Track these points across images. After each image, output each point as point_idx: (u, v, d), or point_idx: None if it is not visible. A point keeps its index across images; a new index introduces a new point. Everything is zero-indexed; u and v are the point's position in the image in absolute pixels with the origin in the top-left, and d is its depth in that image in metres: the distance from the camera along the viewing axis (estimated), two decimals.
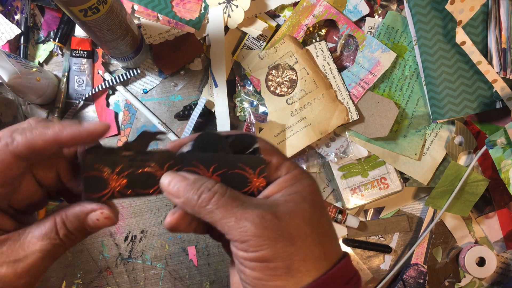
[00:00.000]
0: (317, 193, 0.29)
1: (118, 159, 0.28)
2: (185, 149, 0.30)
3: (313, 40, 0.61)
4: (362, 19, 0.61)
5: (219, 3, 0.58)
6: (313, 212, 0.27)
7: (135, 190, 0.28)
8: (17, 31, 0.58)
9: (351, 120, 0.58)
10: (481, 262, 0.61)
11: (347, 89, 0.59)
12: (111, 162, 0.28)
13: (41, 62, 0.60)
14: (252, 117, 0.59)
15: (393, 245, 0.62)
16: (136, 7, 0.58)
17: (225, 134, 0.30)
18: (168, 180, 0.28)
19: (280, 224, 0.26)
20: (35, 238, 0.26)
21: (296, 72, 0.58)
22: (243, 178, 0.29)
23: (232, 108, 0.61)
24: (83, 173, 0.28)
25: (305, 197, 0.28)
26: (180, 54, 0.60)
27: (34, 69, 0.54)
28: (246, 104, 0.60)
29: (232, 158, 0.29)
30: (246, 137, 0.30)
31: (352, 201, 0.59)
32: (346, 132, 0.60)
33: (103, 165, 0.27)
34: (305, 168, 0.60)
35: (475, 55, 0.54)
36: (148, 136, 0.29)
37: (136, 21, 0.59)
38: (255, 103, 0.60)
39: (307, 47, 0.59)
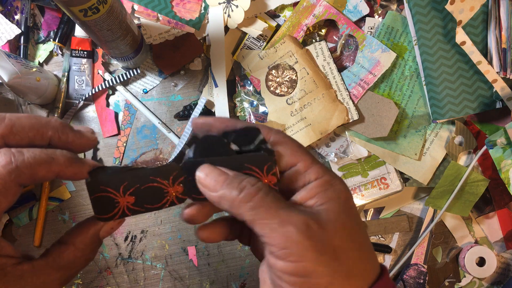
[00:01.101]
0: (351, 200, 0.27)
1: (122, 176, 0.27)
2: (190, 154, 0.29)
3: (313, 40, 0.61)
4: (362, 19, 0.61)
5: (219, 3, 0.58)
6: (352, 223, 0.26)
7: (144, 206, 0.28)
8: (17, 31, 0.58)
9: (351, 120, 0.58)
10: (481, 262, 0.61)
11: (347, 89, 0.59)
12: (116, 181, 0.27)
13: (41, 62, 0.60)
14: (252, 117, 0.59)
15: (393, 245, 0.62)
16: (136, 7, 0.58)
17: (224, 129, 0.29)
18: (205, 173, 0.27)
19: (326, 235, 0.24)
20: (57, 270, 0.26)
21: (296, 72, 0.58)
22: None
23: (232, 108, 0.61)
24: (90, 195, 0.27)
25: (342, 206, 0.26)
26: (180, 54, 0.60)
27: (34, 69, 0.54)
28: (246, 104, 0.60)
29: (237, 158, 0.27)
30: (248, 131, 0.28)
31: None
32: (346, 132, 0.60)
33: (109, 185, 0.27)
34: None
35: (475, 55, 0.54)
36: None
37: (136, 21, 0.59)
38: (255, 103, 0.60)
39: (307, 47, 0.59)
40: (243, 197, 0.25)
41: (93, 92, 0.59)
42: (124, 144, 0.60)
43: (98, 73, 0.60)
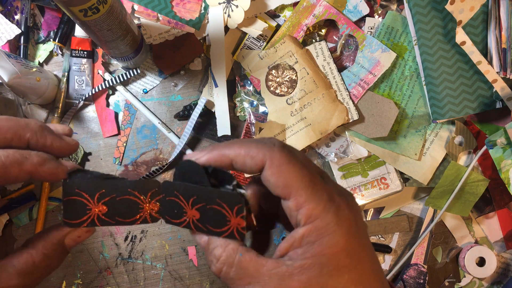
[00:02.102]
0: (342, 254, 0.23)
1: (100, 183, 0.27)
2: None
3: (313, 40, 0.61)
4: (362, 19, 0.61)
5: (219, 3, 0.58)
6: (332, 284, 0.23)
7: (116, 219, 0.27)
8: (17, 31, 0.58)
9: (351, 120, 0.58)
10: (481, 262, 0.61)
11: (347, 89, 0.59)
12: (93, 187, 0.27)
13: (41, 62, 0.60)
14: (252, 117, 0.59)
15: (393, 245, 0.62)
16: (136, 7, 0.58)
17: (204, 162, 0.27)
18: (195, 236, 0.28)
19: None
20: (15, 273, 0.25)
21: (296, 72, 0.58)
22: (222, 215, 0.25)
23: (232, 108, 0.61)
24: (63, 197, 0.27)
25: (324, 265, 0.23)
26: (180, 54, 0.60)
27: (34, 69, 0.54)
28: (246, 104, 0.60)
29: (211, 191, 0.26)
30: (223, 172, 0.27)
31: None
32: (346, 132, 0.60)
33: (84, 190, 0.27)
34: None
35: (475, 55, 0.54)
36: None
37: (136, 21, 0.59)
38: (255, 103, 0.60)
39: (307, 47, 0.59)
40: (212, 271, 0.25)
41: (93, 92, 0.59)
42: (124, 144, 0.60)
43: (98, 73, 0.60)
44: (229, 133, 0.59)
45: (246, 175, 0.60)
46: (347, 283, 0.23)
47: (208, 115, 0.61)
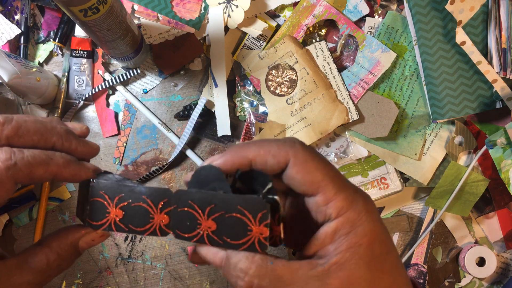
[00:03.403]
0: (376, 242, 0.23)
1: (120, 187, 0.26)
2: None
3: (313, 40, 0.61)
4: (362, 19, 0.61)
5: (219, 3, 0.58)
6: (371, 276, 0.23)
7: (129, 226, 0.26)
8: (17, 31, 0.58)
9: (351, 120, 0.58)
10: (481, 262, 0.61)
11: (347, 89, 0.59)
12: (114, 190, 0.27)
13: (41, 62, 0.60)
14: (252, 117, 0.59)
15: None
16: (136, 7, 0.58)
17: (220, 164, 0.25)
18: (204, 253, 0.26)
19: None
20: (29, 270, 0.26)
21: (296, 72, 0.58)
22: (242, 224, 0.24)
23: (232, 108, 0.61)
24: (90, 197, 0.27)
25: (361, 256, 0.23)
26: (180, 54, 0.60)
27: (34, 69, 0.54)
28: (246, 104, 0.60)
29: (232, 198, 0.24)
30: (258, 174, 0.25)
31: None
32: (346, 132, 0.60)
33: (107, 193, 0.27)
34: None
35: (475, 55, 0.54)
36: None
37: (136, 21, 0.59)
38: (255, 103, 0.60)
39: (307, 47, 0.59)
40: (243, 285, 0.23)
41: (93, 92, 0.59)
42: (124, 144, 0.60)
43: (98, 73, 0.60)
44: (229, 133, 0.59)
45: None
46: (383, 273, 0.23)
47: (208, 115, 0.61)
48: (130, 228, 0.26)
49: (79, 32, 0.59)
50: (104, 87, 0.59)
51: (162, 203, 0.26)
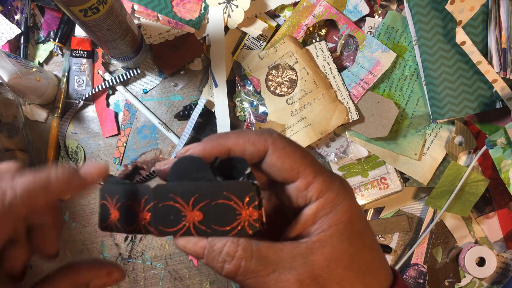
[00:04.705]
0: (355, 218, 0.24)
1: (117, 189, 0.26)
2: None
3: (313, 40, 0.61)
4: (362, 19, 0.61)
5: (219, 3, 0.58)
6: (354, 249, 0.24)
7: (123, 225, 0.26)
8: (17, 31, 0.58)
9: (351, 120, 0.58)
10: (481, 262, 0.61)
11: (347, 89, 0.59)
12: (113, 192, 0.26)
13: (41, 62, 0.60)
14: (252, 117, 0.59)
15: (393, 245, 0.62)
16: (136, 7, 0.58)
17: (198, 152, 0.25)
18: (182, 244, 0.24)
19: (323, 281, 0.23)
20: None
21: (296, 72, 0.58)
22: (230, 210, 0.23)
23: (232, 108, 0.61)
24: (99, 200, 0.26)
25: (343, 232, 0.24)
26: (180, 54, 0.60)
27: (34, 69, 0.54)
28: (246, 104, 0.60)
29: (216, 185, 0.24)
30: (235, 160, 0.25)
31: None
32: (346, 132, 0.60)
33: (110, 194, 0.26)
34: None
35: (475, 55, 0.54)
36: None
37: (136, 21, 0.59)
38: (255, 103, 0.60)
39: (307, 47, 0.59)
40: (227, 273, 0.23)
41: (93, 92, 0.59)
42: (124, 144, 0.60)
43: (98, 73, 0.60)
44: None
45: None
46: (364, 247, 0.24)
47: (208, 115, 0.61)
48: (122, 228, 0.26)
49: (79, 32, 0.59)
50: (104, 87, 0.59)
51: (144, 200, 0.25)
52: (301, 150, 0.25)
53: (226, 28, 0.59)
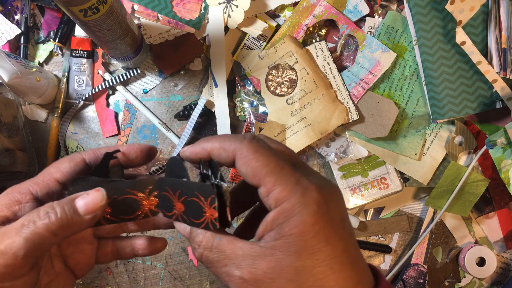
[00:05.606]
0: (308, 234, 0.24)
1: (101, 187, 0.29)
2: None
3: (313, 40, 0.61)
4: (362, 19, 0.61)
5: (219, 3, 0.58)
6: (301, 264, 0.24)
7: (119, 217, 0.29)
8: (17, 31, 0.58)
9: (351, 120, 0.58)
10: (481, 262, 0.61)
11: (347, 89, 0.59)
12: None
13: (41, 62, 0.60)
14: (252, 117, 0.59)
15: (393, 245, 0.62)
16: (136, 7, 0.58)
17: (187, 155, 0.29)
18: (177, 227, 0.30)
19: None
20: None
21: (296, 72, 0.58)
22: (199, 207, 0.27)
23: (232, 108, 0.61)
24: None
25: (290, 245, 0.24)
26: (180, 54, 0.60)
27: (34, 69, 0.54)
28: (246, 104, 0.60)
29: (190, 184, 0.27)
30: (212, 163, 0.28)
31: (352, 201, 0.59)
32: (346, 132, 0.60)
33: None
34: None
35: (475, 55, 0.54)
36: (108, 156, 0.30)
37: (136, 21, 0.59)
38: (255, 103, 0.60)
39: (307, 47, 0.59)
40: (196, 257, 0.27)
41: (93, 92, 0.59)
42: (124, 144, 0.60)
43: (98, 73, 0.60)
44: (229, 133, 0.59)
45: None
46: (313, 263, 0.24)
47: (208, 115, 0.61)
48: (121, 218, 0.30)
49: (79, 32, 0.59)
50: (104, 87, 0.59)
51: (148, 190, 0.30)
52: (266, 157, 0.25)
53: (226, 28, 0.59)
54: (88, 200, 0.27)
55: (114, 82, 0.59)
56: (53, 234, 0.26)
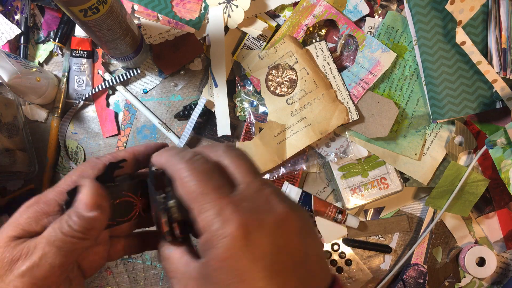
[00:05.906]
0: (222, 269, 0.23)
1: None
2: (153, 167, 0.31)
3: (313, 40, 0.61)
4: (362, 19, 0.61)
5: (219, 3, 0.58)
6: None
7: (116, 220, 0.30)
8: (17, 31, 0.58)
9: (351, 120, 0.58)
10: (481, 262, 0.61)
11: (347, 89, 0.59)
12: None
13: (41, 62, 0.60)
14: (252, 117, 0.59)
15: (393, 245, 0.62)
16: (136, 7, 0.58)
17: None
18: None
19: None
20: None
21: (296, 72, 0.58)
22: (130, 204, 0.30)
23: (232, 108, 0.61)
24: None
25: (207, 276, 0.24)
26: (180, 54, 0.60)
27: (34, 69, 0.54)
28: (246, 104, 0.60)
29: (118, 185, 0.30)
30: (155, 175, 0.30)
31: (352, 201, 0.59)
32: (346, 132, 0.60)
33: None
34: (304, 168, 0.60)
35: (475, 55, 0.54)
36: (113, 166, 0.30)
37: (136, 21, 0.59)
38: (255, 103, 0.60)
39: (307, 47, 0.59)
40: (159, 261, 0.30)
41: (93, 92, 0.59)
42: (124, 144, 0.60)
43: (98, 73, 0.60)
44: (229, 133, 0.59)
45: None
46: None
47: (208, 115, 0.61)
48: (118, 221, 0.30)
49: (79, 32, 0.59)
50: (104, 87, 0.59)
51: (140, 192, 0.31)
52: (194, 182, 0.25)
53: (226, 28, 0.59)
54: (83, 195, 0.27)
55: (114, 82, 0.59)
56: (81, 238, 0.26)
